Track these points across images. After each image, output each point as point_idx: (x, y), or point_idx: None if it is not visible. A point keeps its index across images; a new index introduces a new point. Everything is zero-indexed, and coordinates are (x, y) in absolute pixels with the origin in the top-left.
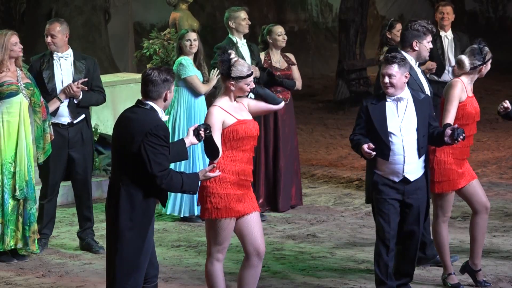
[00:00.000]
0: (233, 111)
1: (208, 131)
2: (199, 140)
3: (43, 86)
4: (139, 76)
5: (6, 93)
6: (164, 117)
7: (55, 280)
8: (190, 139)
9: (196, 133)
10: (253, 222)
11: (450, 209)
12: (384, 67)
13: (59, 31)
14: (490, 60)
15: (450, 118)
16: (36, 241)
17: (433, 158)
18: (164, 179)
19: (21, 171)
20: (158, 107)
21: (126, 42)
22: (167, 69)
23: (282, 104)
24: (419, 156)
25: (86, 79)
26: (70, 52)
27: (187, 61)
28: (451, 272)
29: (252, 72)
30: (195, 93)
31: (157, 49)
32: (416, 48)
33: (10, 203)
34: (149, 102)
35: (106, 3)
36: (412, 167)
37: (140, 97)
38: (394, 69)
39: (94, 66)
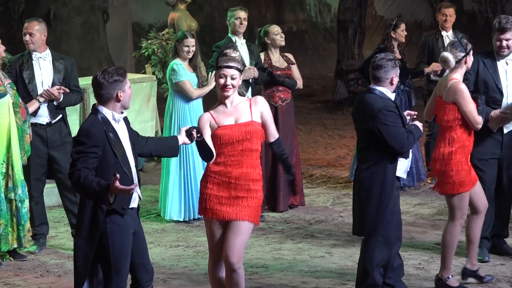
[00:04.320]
0: (221, 116)
1: (199, 134)
2: (191, 141)
3: (24, 86)
4: (137, 76)
5: None
6: (120, 116)
7: (54, 280)
8: (182, 138)
9: (189, 133)
10: (232, 230)
11: (467, 209)
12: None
13: (37, 30)
14: (471, 51)
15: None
16: (30, 239)
17: (451, 160)
18: (72, 176)
19: (18, 171)
20: (108, 110)
21: (125, 42)
22: (116, 69)
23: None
24: None
25: (64, 89)
26: (48, 52)
27: (178, 66)
28: (450, 276)
29: (232, 66)
30: (188, 98)
31: (156, 49)
32: None
33: (5, 204)
34: (99, 106)
35: (105, 3)
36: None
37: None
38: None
39: (72, 66)
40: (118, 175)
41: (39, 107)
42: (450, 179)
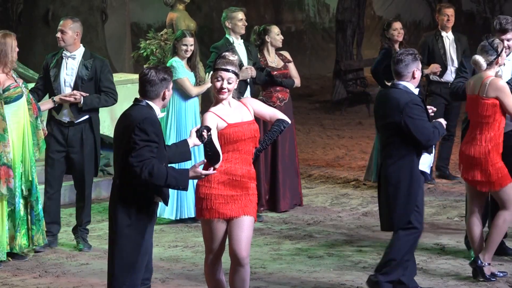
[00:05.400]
0: (226, 115)
1: (209, 133)
2: (202, 141)
3: (50, 84)
4: (136, 76)
5: (14, 96)
6: (160, 114)
7: (52, 280)
8: (193, 140)
9: (199, 134)
10: (237, 226)
11: None
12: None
13: (70, 28)
14: (504, 50)
15: None
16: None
17: (487, 160)
18: (144, 169)
19: (26, 171)
20: (155, 105)
21: (123, 42)
22: (165, 68)
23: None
24: None
25: (79, 95)
26: (79, 51)
27: (178, 63)
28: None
29: (229, 70)
30: (186, 96)
31: (154, 50)
32: None
33: (22, 204)
34: (146, 100)
35: (103, 4)
36: None
37: (137, 97)
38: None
39: (103, 66)
40: (205, 160)
41: (55, 107)
42: (489, 178)
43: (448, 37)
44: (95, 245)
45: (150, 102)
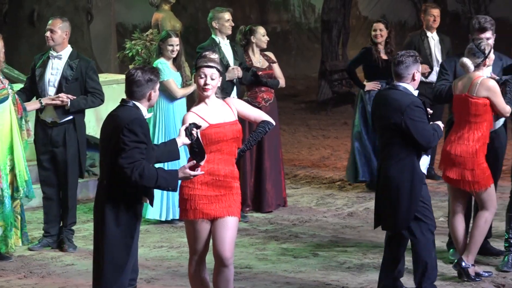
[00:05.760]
0: (207, 115)
1: (198, 131)
2: (192, 140)
3: (34, 84)
4: (121, 77)
5: (0, 98)
6: (147, 114)
7: (37, 281)
8: (182, 139)
9: (189, 132)
10: (221, 226)
11: (495, 199)
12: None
13: (59, 28)
14: (492, 51)
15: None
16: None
17: (474, 160)
18: (135, 171)
19: (21, 172)
20: (142, 106)
21: (109, 43)
22: (151, 68)
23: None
24: None
25: (66, 98)
26: (66, 52)
27: (163, 64)
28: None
29: (211, 66)
30: (173, 97)
31: (140, 50)
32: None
33: (11, 205)
34: (133, 101)
35: (89, 4)
36: None
37: (124, 97)
38: None
39: (88, 67)
40: (194, 162)
41: (41, 108)
42: (474, 178)
43: (433, 37)
44: (80, 246)
45: (136, 103)
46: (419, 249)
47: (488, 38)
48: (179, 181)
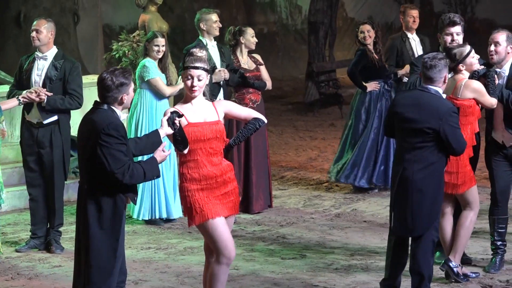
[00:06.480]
0: (188, 113)
1: (179, 119)
2: (174, 129)
3: (22, 84)
4: None
5: None
6: (122, 116)
7: (24, 283)
8: (164, 130)
9: (171, 122)
10: (227, 225)
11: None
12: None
13: (45, 28)
14: (468, 54)
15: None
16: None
17: (458, 163)
18: (125, 173)
19: None
20: (115, 108)
21: (95, 44)
22: (123, 71)
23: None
24: None
25: (43, 94)
26: (51, 52)
27: (150, 63)
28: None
29: (198, 67)
30: (158, 96)
31: (127, 51)
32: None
33: None
34: (106, 105)
35: (75, 5)
36: None
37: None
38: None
39: (72, 68)
40: (165, 143)
41: (26, 108)
42: (456, 181)
43: (413, 38)
44: (68, 247)
45: (110, 106)
46: (426, 258)
47: (458, 33)
48: (174, 189)
